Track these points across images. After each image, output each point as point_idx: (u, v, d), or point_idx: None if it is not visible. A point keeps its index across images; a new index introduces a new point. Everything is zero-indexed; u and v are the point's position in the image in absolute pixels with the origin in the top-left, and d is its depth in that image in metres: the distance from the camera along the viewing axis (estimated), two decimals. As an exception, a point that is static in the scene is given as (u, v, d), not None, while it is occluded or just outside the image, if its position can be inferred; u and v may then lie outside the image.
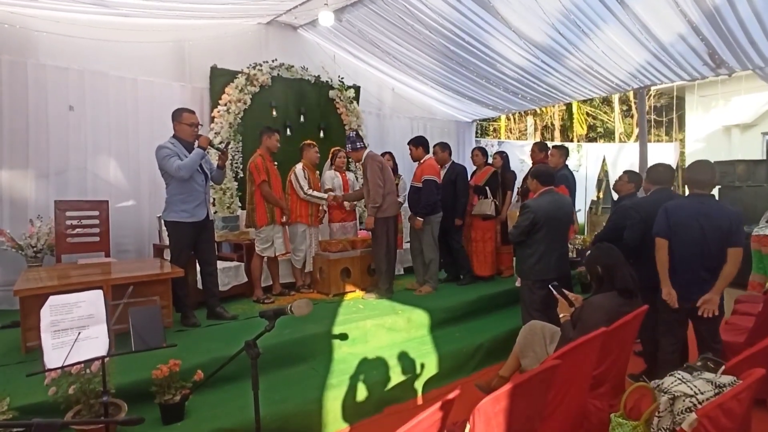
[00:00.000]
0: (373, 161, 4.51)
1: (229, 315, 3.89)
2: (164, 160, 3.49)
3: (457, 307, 4.43)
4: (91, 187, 4.70)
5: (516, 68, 5.84)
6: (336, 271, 4.71)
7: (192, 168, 3.49)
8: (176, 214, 3.58)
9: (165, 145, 3.56)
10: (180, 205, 3.58)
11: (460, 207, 5.00)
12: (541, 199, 3.53)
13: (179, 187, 3.58)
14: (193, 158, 3.50)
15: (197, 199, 3.64)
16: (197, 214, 3.64)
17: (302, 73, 6.09)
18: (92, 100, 4.69)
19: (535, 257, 3.50)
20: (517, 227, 3.54)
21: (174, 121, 3.64)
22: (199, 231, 3.71)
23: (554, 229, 3.50)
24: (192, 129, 3.63)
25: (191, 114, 3.66)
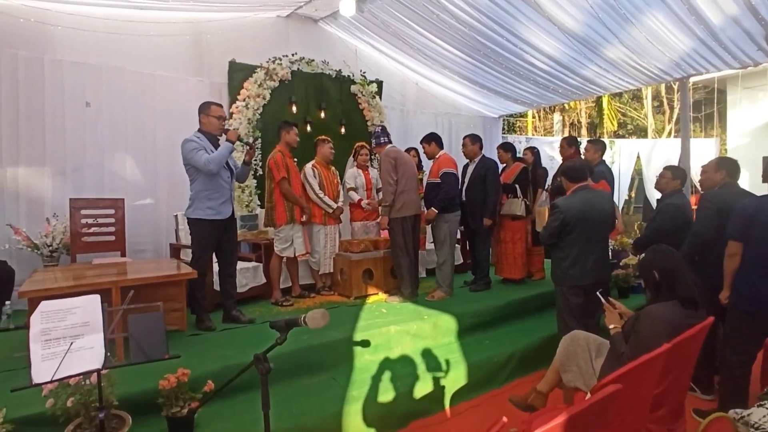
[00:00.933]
0: (386, 158, 4.26)
1: (246, 319, 3.70)
2: (191, 153, 3.33)
3: (485, 313, 4.14)
4: (108, 184, 4.60)
5: (548, 59, 5.51)
6: (358, 272, 4.48)
7: (221, 162, 3.34)
8: (201, 212, 3.42)
9: (191, 139, 3.40)
10: (205, 201, 3.42)
11: (491, 205, 4.65)
12: (572, 197, 3.22)
13: (205, 183, 3.42)
14: (221, 152, 3.35)
15: (223, 195, 3.48)
16: (223, 211, 3.48)
17: (323, 68, 5.89)
18: (109, 95, 4.59)
19: (568, 261, 3.19)
20: (546, 228, 3.24)
21: (201, 113, 3.49)
22: (223, 230, 3.54)
23: (589, 230, 3.17)
24: (219, 122, 3.48)
25: (219, 107, 3.52)
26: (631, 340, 2.05)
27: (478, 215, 4.65)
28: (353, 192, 4.89)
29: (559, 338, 3.88)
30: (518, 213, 4.84)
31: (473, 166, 4.78)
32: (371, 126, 6.30)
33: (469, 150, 4.81)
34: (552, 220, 3.14)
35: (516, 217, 4.87)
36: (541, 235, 3.29)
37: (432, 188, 4.51)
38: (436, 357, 3.49)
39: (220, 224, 3.48)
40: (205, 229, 3.44)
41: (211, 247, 3.51)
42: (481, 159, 4.78)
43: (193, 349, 3.12)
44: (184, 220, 4.48)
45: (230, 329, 3.56)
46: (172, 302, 3.46)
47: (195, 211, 3.44)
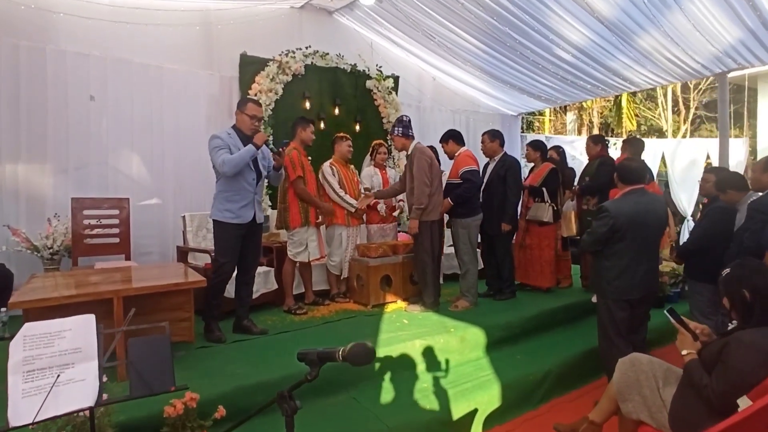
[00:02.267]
0: (422, 155, 3.96)
1: (258, 330, 3.43)
2: (213, 151, 3.11)
3: (515, 324, 3.84)
4: (112, 183, 4.35)
5: (574, 50, 5.17)
6: (376, 279, 4.19)
7: (238, 165, 3.08)
8: (220, 213, 3.20)
9: (218, 135, 3.17)
10: (224, 203, 3.18)
11: (509, 208, 4.28)
12: (622, 200, 2.90)
13: (226, 184, 3.19)
14: (241, 155, 3.09)
15: (245, 198, 3.22)
16: (243, 215, 3.22)
17: (338, 62, 5.61)
18: (114, 89, 4.34)
19: (614, 271, 2.87)
20: (591, 234, 2.92)
21: (237, 109, 3.27)
22: (245, 234, 3.29)
23: (641, 237, 2.86)
24: (252, 122, 3.22)
25: (256, 106, 3.27)
26: (717, 371, 1.74)
27: (495, 219, 4.28)
28: (368, 193, 4.59)
29: (597, 354, 3.63)
30: (545, 219, 4.50)
31: (493, 165, 4.46)
32: (387, 123, 6.01)
33: (487, 148, 4.48)
34: (599, 225, 2.82)
35: (543, 224, 4.54)
36: (584, 242, 2.97)
37: (452, 189, 4.18)
38: (466, 374, 3.19)
39: (241, 228, 3.24)
40: (226, 232, 3.21)
41: (232, 252, 3.25)
42: (502, 157, 4.42)
43: (202, 365, 2.85)
44: (192, 222, 4.22)
45: (241, 341, 3.29)
46: (179, 311, 3.18)
47: (215, 212, 3.23)
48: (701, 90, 19.96)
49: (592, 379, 3.53)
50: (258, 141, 3.16)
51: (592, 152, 4.70)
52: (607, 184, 4.43)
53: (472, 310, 4.11)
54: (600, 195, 4.46)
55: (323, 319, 3.83)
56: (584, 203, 4.60)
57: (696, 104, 20.13)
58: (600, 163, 4.51)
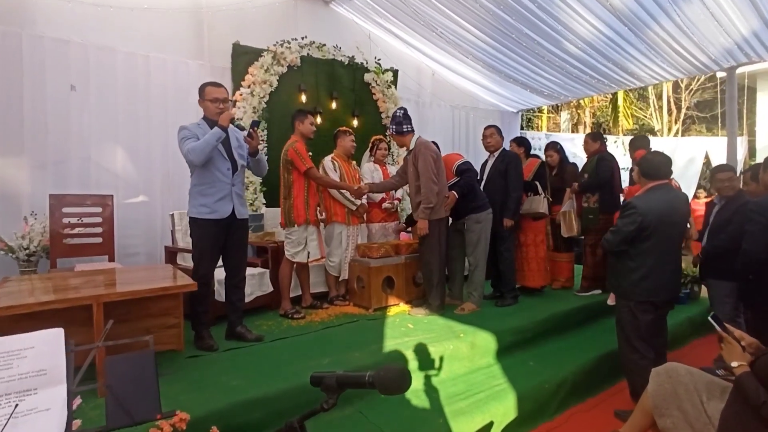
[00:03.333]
0: (427, 150, 3.73)
1: (253, 336, 3.17)
2: (181, 142, 2.86)
3: (526, 328, 3.63)
4: (95, 179, 4.06)
5: (582, 43, 5.00)
6: (378, 280, 3.96)
7: (204, 151, 2.80)
8: (194, 209, 2.94)
9: (186, 126, 2.91)
10: (198, 198, 2.93)
11: (512, 203, 4.09)
12: (649, 197, 2.70)
13: (198, 177, 2.93)
14: (206, 140, 2.81)
15: (220, 191, 2.95)
16: (219, 209, 2.95)
17: (335, 53, 5.37)
18: (97, 79, 4.05)
19: (640, 272, 2.68)
20: (617, 233, 2.72)
21: (199, 98, 2.99)
22: (225, 231, 3.02)
23: (667, 236, 2.67)
24: (215, 105, 2.94)
25: (216, 87, 2.98)
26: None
27: (497, 216, 4.08)
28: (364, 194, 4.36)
29: (613, 359, 3.43)
30: (541, 210, 4.34)
31: (492, 160, 4.26)
32: (386, 118, 5.78)
33: (494, 141, 4.27)
34: (626, 223, 2.62)
35: (538, 216, 4.36)
36: (609, 241, 2.76)
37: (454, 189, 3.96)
38: (478, 383, 2.97)
39: (219, 225, 2.97)
40: (201, 230, 2.94)
41: (211, 251, 2.99)
42: (502, 152, 4.25)
43: (192, 377, 2.60)
44: (181, 220, 3.96)
45: (235, 349, 3.03)
46: (167, 317, 2.93)
47: (190, 208, 2.97)
48: (692, 90, 20.09)
49: (608, 386, 3.35)
50: (222, 121, 2.85)
51: (590, 149, 4.55)
52: (607, 180, 4.29)
53: (479, 312, 3.91)
54: (601, 192, 4.30)
55: (322, 324, 3.59)
56: (584, 201, 4.43)
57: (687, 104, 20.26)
58: (599, 159, 4.35)
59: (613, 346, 3.55)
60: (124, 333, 2.83)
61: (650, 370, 2.72)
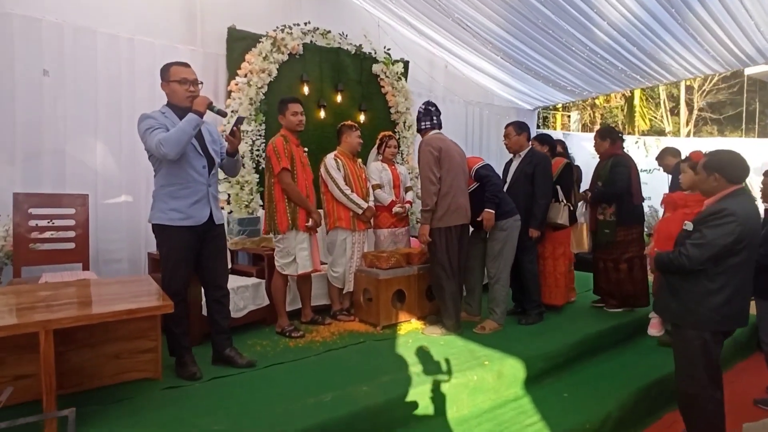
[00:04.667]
0: (425, 147, 3.29)
1: (244, 361, 2.72)
2: (145, 133, 2.39)
3: (556, 352, 3.16)
4: (71, 176, 3.61)
5: (614, 31, 4.51)
6: (387, 294, 3.51)
7: (180, 143, 2.34)
8: (163, 215, 2.47)
9: (150, 115, 2.45)
10: (168, 201, 2.47)
11: (539, 211, 3.62)
12: (742, 202, 2.19)
13: (168, 176, 2.47)
14: (182, 128, 2.35)
15: (195, 193, 2.50)
16: (195, 215, 2.50)
17: (341, 42, 4.91)
18: (74, 63, 3.61)
19: (722, 295, 2.16)
20: (706, 247, 2.12)
21: (162, 80, 2.53)
22: (200, 240, 2.57)
23: (754, 250, 2.21)
24: (185, 88, 2.48)
25: (183, 67, 2.52)
26: None
27: (522, 225, 3.61)
28: (380, 191, 3.91)
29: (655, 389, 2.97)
30: (560, 221, 3.82)
31: (518, 161, 3.78)
32: (395, 114, 5.33)
33: (513, 142, 3.78)
34: (722, 235, 2.09)
35: (557, 227, 3.87)
36: (693, 258, 2.18)
37: (473, 198, 3.48)
38: (506, 422, 2.51)
39: (193, 233, 2.52)
40: (172, 239, 2.48)
41: (185, 264, 2.54)
42: (529, 152, 3.75)
43: (167, 416, 2.15)
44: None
45: (222, 378, 2.58)
46: (141, 340, 2.51)
47: (156, 213, 2.50)
48: (705, 91, 19.59)
49: (652, 420, 2.90)
50: (199, 106, 2.40)
51: (600, 149, 4.01)
52: (625, 189, 3.77)
53: (501, 332, 3.45)
54: (618, 203, 3.81)
55: (324, 345, 3.13)
56: (599, 213, 3.92)
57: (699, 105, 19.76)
58: (614, 164, 3.81)
59: (656, 372, 3.14)
60: (88, 360, 2.39)
61: (721, 412, 2.29)
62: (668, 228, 2.71)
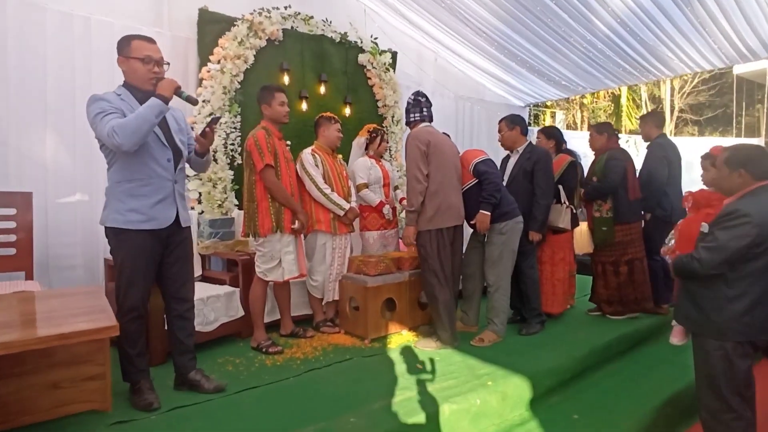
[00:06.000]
0: (412, 140, 2.98)
1: (211, 386, 2.34)
2: (95, 118, 2.00)
3: (563, 368, 2.87)
4: (16, 172, 3.17)
5: (614, 22, 4.27)
6: (376, 304, 3.17)
7: (138, 132, 1.96)
8: (119, 216, 2.08)
9: (101, 96, 2.06)
10: (126, 200, 2.08)
11: (540, 213, 3.33)
12: (759, 202, 1.95)
13: (126, 170, 2.09)
14: (142, 114, 1.97)
15: (158, 190, 2.13)
16: (158, 216, 2.12)
17: (324, 28, 4.55)
18: (19, 43, 3.17)
19: (743, 303, 1.93)
20: (719, 250, 1.89)
21: (120, 55, 2.13)
22: (163, 245, 2.19)
23: None
24: (148, 68, 2.10)
25: (146, 42, 2.14)
26: None
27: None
28: (367, 191, 3.57)
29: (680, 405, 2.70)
30: (561, 225, 3.55)
31: (515, 157, 3.48)
32: (383, 107, 4.99)
33: (505, 137, 3.49)
34: (736, 237, 1.85)
35: (558, 230, 3.60)
36: (705, 261, 1.96)
37: (471, 195, 3.18)
38: (516, 454, 2.20)
39: (155, 237, 2.14)
40: (129, 245, 2.09)
41: (144, 274, 2.15)
42: (527, 148, 3.44)
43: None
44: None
45: (184, 408, 2.20)
46: (86, 366, 2.10)
47: (111, 215, 2.10)
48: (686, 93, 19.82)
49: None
50: (164, 90, 2.03)
51: (596, 144, 3.80)
52: (619, 183, 3.56)
53: (501, 343, 3.15)
54: (614, 198, 3.61)
55: (305, 363, 2.77)
56: (596, 210, 3.69)
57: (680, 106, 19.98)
58: (608, 158, 3.62)
59: (671, 386, 2.88)
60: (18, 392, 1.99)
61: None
62: (690, 229, 2.46)
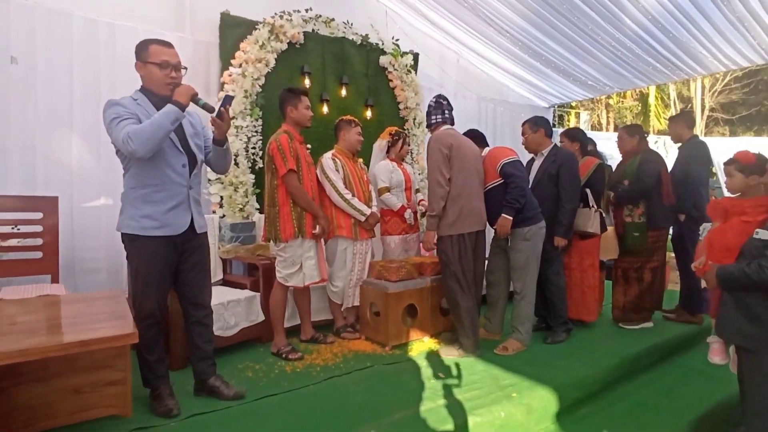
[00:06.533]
0: (435, 144, 2.90)
1: (231, 393, 2.32)
2: (111, 123, 1.99)
3: (592, 379, 2.75)
4: (43, 177, 3.23)
5: (645, 19, 4.10)
6: (397, 310, 3.11)
7: (153, 139, 1.94)
8: (134, 223, 2.07)
9: (118, 101, 2.05)
10: (140, 206, 2.07)
11: (565, 218, 3.22)
12: None
13: (140, 176, 2.08)
14: (157, 121, 1.95)
15: (173, 196, 2.11)
16: (172, 222, 2.11)
17: (345, 31, 4.51)
18: (46, 49, 3.23)
19: None
20: None
21: (137, 59, 2.13)
22: (178, 251, 2.18)
23: None
24: (165, 73, 2.09)
25: (164, 47, 2.12)
26: None
27: (545, 232, 3.20)
28: (389, 194, 3.51)
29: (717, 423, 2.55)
30: (590, 230, 3.42)
31: (540, 161, 3.37)
32: (404, 110, 4.93)
33: (529, 140, 3.39)
34: None
35: (586, 235, 3.46)
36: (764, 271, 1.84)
37: (495, 197, 3.08)
38: (544, 472, 2.11)
39: (170, 244, 2.12)
40: (144, 251, 2.08)
41: (159, 281, 2.14)
42: (552, 151, 3.33)
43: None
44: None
45: (204, 415, 2.18)
46: (107, 371, 2.10)
47: (125, 221, 2.10)
48: (717, 91, 19.14)
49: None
50: (180, 96, 2.00)
51: (627, 147, 3.64)
52: (653, 187, 3.42)
53: (525, 353, 3.04)
54: (647, 203, 3.46)
55: (326, 370, 2.73)
56: (626, 214, 3.54)
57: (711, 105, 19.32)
58: (642, 161, 3.48)
59: (705, 401, 2.72)
60: (40, 397, 2.00)
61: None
62: (725, 238, 2.32)
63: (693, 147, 3.70)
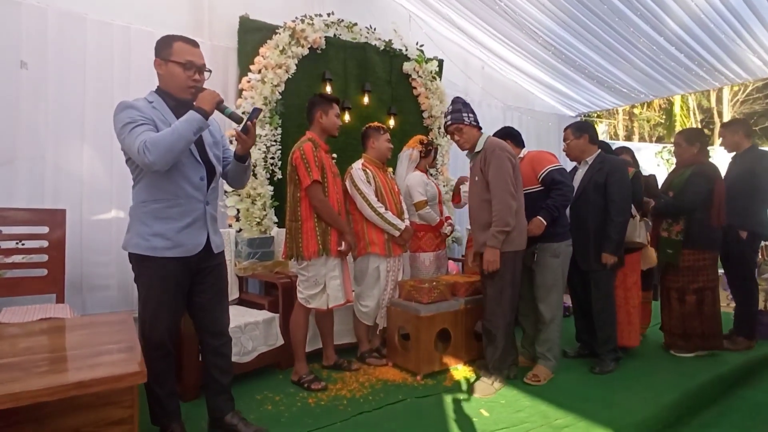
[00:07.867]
0: (502, 152, 2.62)
1: (249, 430, 2.05)
2: (123, 130, 1.76)
3: (653, 419, 2.42)
4: (52, 187, 3.03)
5: (689, 20, 3.83)
6: (429, 334, 2.83)
7: (173, 150, 1.71)
8: (143, 242, 1.83)
9: (131, 104, 1.82)
10: (151, 223, 1.83)
11: (615, 232, 2.88)
12: None
13: (152, 189, 1.84)
14: (179, 131, 1.72)
15: (188, 213, 1.87)
16: (186, 242, 1.87)
17: (368, 36, 4.31)
18: (58, 54, 3.05)
19: None
20: None
21: (157, 57, 1.90)
22: (191, 274, 1.93)
23: None
24: (188, 75, 1.87)
25: (190, 46, 1.90)
26: None
27: (593, 248, 2.93)
28: (428, 208, 3.25)
29: None
30: (638, 240, 3.16)
31: (584, 169, 3.07)
32: (428, 118, 4.69)
33: (572, 146, 3.08)
34: None
35: (632, 248, 3.16)
36: None
37: (535, 202, 2.80)
38: None
39: (183, 265, 1.88)
40: (154, 274, 1.83)
41: (170, 306, 1.89)
42: (598, 158, 3.01)
43: None
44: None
45: (219, 459, 1.92)
46: (111, 408, 1.82)
47: (134, 239, 1.85)
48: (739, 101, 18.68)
49: None
50: (204, 103, 1.77)
51: (684, 155, 3.29)
52: (700, 203, 3.09)
53: (572, 384, 2.73)
54: (688, 220, 3.14)
55: (353, 404, 2.45)
56: (663, 229, 3.24)
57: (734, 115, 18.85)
58: (694, 173, 3.16)
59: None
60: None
61: None
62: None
63: (758, 158, 3.37)
